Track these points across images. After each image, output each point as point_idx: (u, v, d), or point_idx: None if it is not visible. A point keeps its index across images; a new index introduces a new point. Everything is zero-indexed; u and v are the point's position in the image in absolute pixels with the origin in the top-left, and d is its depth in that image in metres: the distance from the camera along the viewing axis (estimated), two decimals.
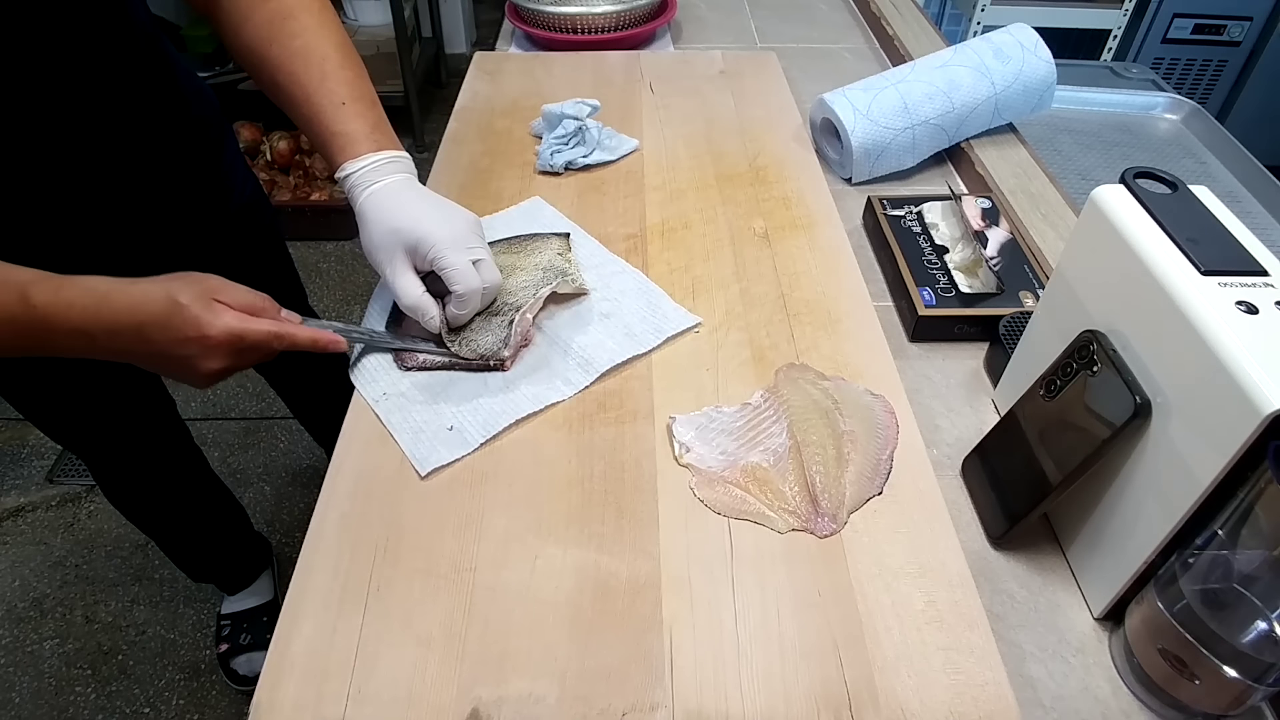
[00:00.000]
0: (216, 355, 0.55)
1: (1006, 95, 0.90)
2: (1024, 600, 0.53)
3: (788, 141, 0.91)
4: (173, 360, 0.55)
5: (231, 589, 1.35)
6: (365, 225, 0.61)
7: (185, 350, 0.54)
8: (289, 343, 0.58)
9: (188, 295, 0.54)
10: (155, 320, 0.53)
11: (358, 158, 0.61)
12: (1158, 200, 0.49)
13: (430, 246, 0.59)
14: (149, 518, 1.13)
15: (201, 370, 0.56)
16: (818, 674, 0.46)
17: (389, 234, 0.60)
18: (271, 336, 0.57)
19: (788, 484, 0.55)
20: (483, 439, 0.58)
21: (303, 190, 2.26)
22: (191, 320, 0.54)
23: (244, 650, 1.33)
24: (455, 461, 0.57)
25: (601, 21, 1.12)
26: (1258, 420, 0.38)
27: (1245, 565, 0.43)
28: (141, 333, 0.53)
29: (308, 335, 0.59)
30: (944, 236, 0.77)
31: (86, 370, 0.86)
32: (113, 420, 0.94)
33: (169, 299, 0.53)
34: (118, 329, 0.53)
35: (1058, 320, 0.55)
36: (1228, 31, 2.12)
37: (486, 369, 0.62)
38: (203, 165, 0.83)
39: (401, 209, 0.60)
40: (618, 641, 0.47)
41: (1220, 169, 1.18)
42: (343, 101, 0.62)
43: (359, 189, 0.61)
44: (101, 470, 1.02)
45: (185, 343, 0.54)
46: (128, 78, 0.69)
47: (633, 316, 0.67)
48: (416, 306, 0.60)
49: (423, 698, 0.45)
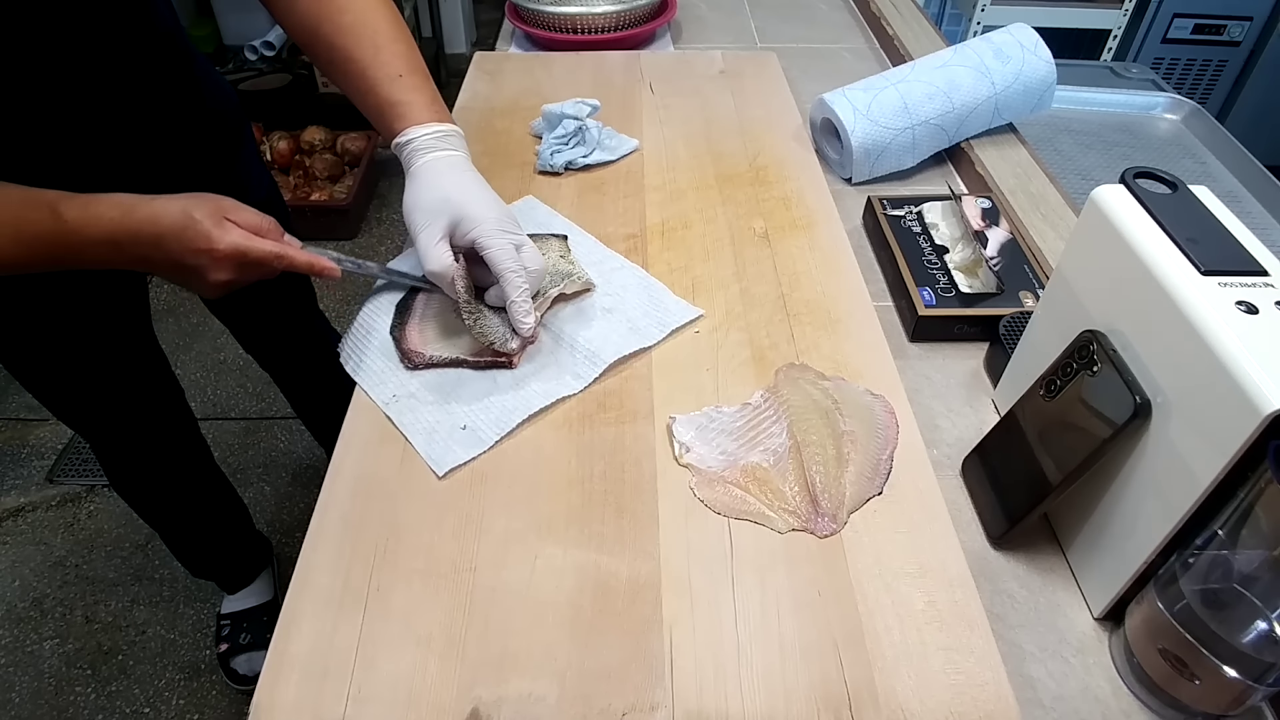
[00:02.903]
0: (223, 267, 0.60)
1: (1006, 95, 0.90)
2: (1024, 600, 0.53)
3: (788, 141, 0.91)
4: (185, 269, 0.60)
5: (232, 587, 1.35)
6: (416, 184, 0.63)
7: (196, 260, 0.59)
8: (288, 263, 0.62)
9: (201, 211, 0.58)
10: (171, 231, 0.58)
11: (423, 124, 0.64)
12: (1158, 200, 0.49)
13: (477, 224, 0.61)
14: (154, 507, 1.13)
15: (210, 280, 0.60)
16: (818, 674, 0.46)
17: (440, 200, 0.61)
18: (272, 255, 0.61)
19: (788, 484, 0.55)
20: (497, 436, 0.58)
21: (303, 190, 2.26)
22: (203, 234, 0.58)
23: (244, 650, 1.32)
24: (471, 460, 0.57)
25: (601, 21, 1.12)
26: (1258, 420, 0.38)
27: (1245, 565, 0.43)
28: (160, 242, 0.58)
29: (305, 258, 0.63)
30: (944, 236, 0.77)
31: (99, 354, 0.87)
32: (123, 404, 0.95)
33: (184, 213, 0.58)
34: (140, 237, 0.58)
35: (1058, 320, 0.55)
36: (1228, 31, 2.12)
37: (494, 367, 0.62)
38: (219, 160, 0.85)
39: (458, 183, 0.63)
40: (618, 641, 0.47)
41: (1220, 169, 1.18)
42: (399, 74, 0.65)
43: (420, 152, 0.64)
44: (110, 456, 1.03)
45: (196, 253, 0.59)
46: (146, 70, 0.71)
47: (635, 311, 0.68)
48: (438, 273, 0.61)
49: (423, 698, 0.45)
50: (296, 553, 0.52)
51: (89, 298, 0.83)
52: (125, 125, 0.71)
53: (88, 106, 0.68)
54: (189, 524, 1.19)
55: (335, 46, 0.66)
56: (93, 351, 0.87)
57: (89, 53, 0.65)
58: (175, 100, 0.76)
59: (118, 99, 0.69)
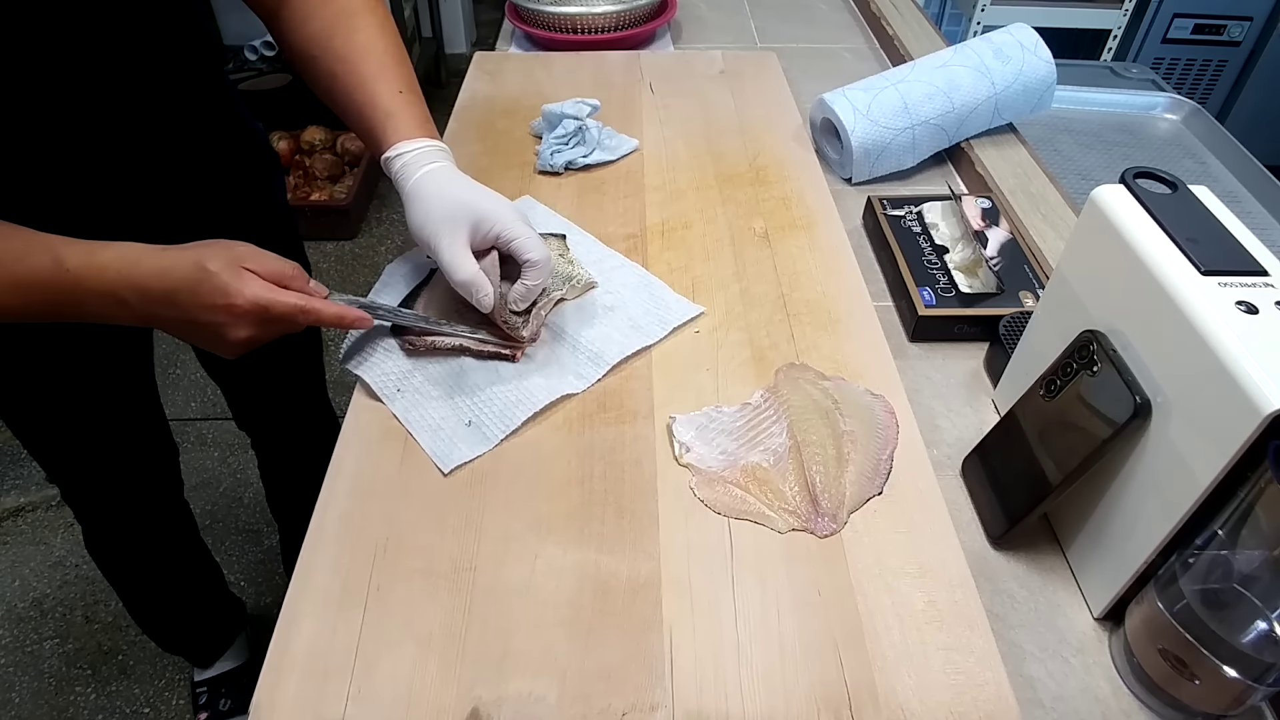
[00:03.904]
0: (243, 324, 0.56)
1: (1006, 95, 0.90)
2: (1024, 600, 0.53)
3: (788, 141, 0.91)
4: (201, 327, 0.56)
5: (204, 662, 1.26)
6: (423, 200, 0.61)
7: (213, 318, 0.55)
8: (314, 318, 0.58)
9: (217, 263, 0.54)
10: (185, 286, 0.54)
11: (414, 139, 0.64)
12: (1158, 200, 0.49)
13: (496, 220, 0.60)
14: (130, 576, 1.06)
15: (229, 339, 0.56)
16: (818, 674, 0.46)
17: (454, 205, 0.60)
18: (297, 310, 0.57)
19: (788, 484, 0.55)
20: (503, 434, 0.58)
21: (303, 190, 2.26)
22: (220, 288, 0.54)
23: (226, 717, 1.25)
24: (477, 458, 0.57)
25: (601, 21, 1.12)
26: (1258, 420, 0.38)
27: (1245, 565, 0.43)
28: (172, 298, 0.54)
29: (333, 311, 0.59)
30: (944, 236, 0.77)
31: (97, 416, 0.84)
32: (117, 468, 0.91)
33: (198, 265, 0.54)
34: (149, 293, 0.54)
35: (1058, 320, 0.55)
36: (1228, 31, 2.12)
37: (496, 358, 0.62)
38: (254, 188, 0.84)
39: (465, 185, 0.62)
40: (618, 641, 0.47)
41: (1220, 169, 1.18)
42: (399, 90, 0.65)
43: (413, 167, 0.63)
44: (94, 520, 0.97)
45: (213, 310, 0.55)
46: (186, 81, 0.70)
47: (636, 309, 0.68)
48: (472, 282, 0.59)
49: (423, 698, 0.45)
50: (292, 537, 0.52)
51: (90, 355, 0.79)
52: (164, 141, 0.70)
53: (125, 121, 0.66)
54: (163, 594, 1.11)
55: (342, 60, 0.66)
56: (90, 413, 0.83)
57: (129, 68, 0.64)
58: (214, 119, 0.75)
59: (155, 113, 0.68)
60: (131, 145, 0.68)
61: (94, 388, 0.82)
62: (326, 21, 0.66)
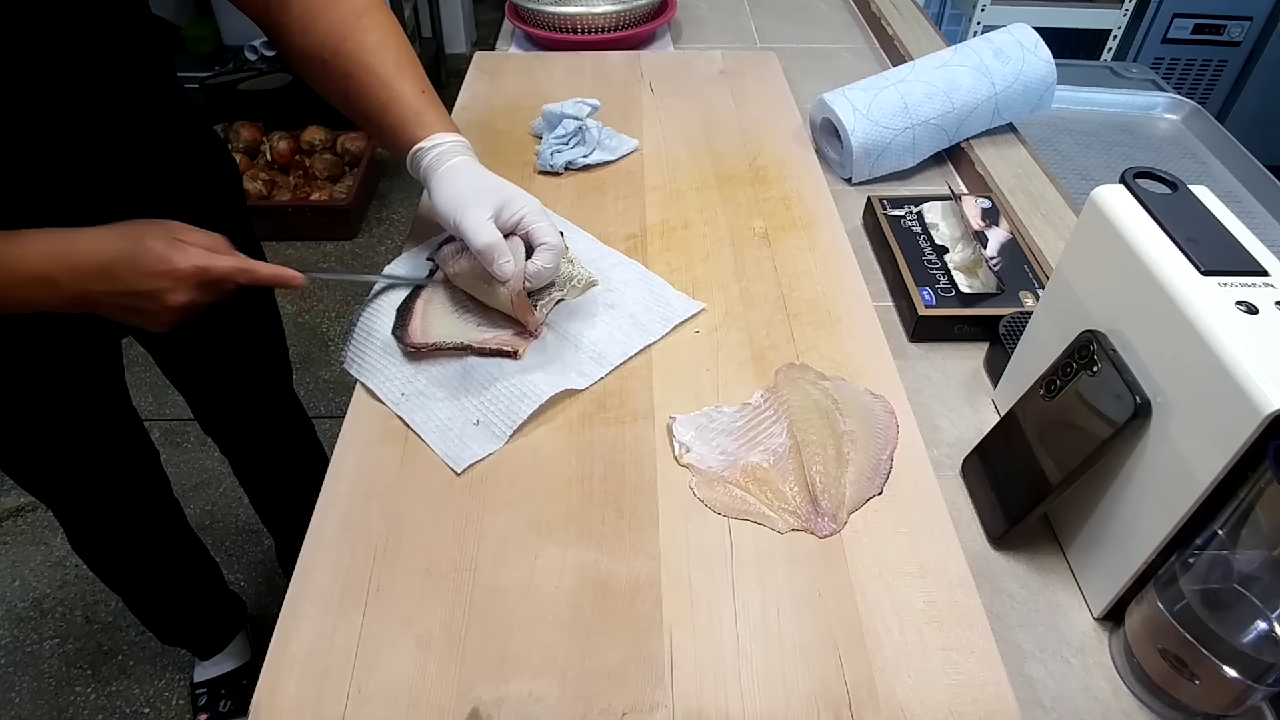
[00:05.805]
0: (183, 288, 0.58)
1: (1006, 95, 0.90)
2: (1024, 600, 0.53)
3: (788, 141, 0.91)
4: (139, 296, 0.57)
5: (204, 653, 1.26)
6: (453, 180, 0.63)
7: (154, 284, 0.57)
8: (252, 277, 0.61)
9: (151, 235, 0.57)
10: (121, 257, 0.56)
11: (447, 132, 0.66)
12: (1158, 200, 0.49)
13: (520, 206, 0.62)
14: (120, 574, 1.06)
15: (169, 303, 0.58)
16: (818, 674, 0.46)
17: (484, 187, 0.63)
18: (236, 270, 0.60)
19: (788, 484, 0.55)
20: (511, 429, 0.58)
21: (303, 190, 2.26)
22: (160, 255, 0.56)
23: (227, 718, 1.25)
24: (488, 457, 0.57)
25: (601, 21, 1.12)
26: (1258, 420, 0.38)
27: (1245, 565, 0.43)
28: (107, 271, 0.56)
29: (269, 271, 0.62)
30: (944, 236, 0.77)
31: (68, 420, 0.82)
32: (92, 473, 0.89)
33: (132, 239, 0.56)
34: (82, 269, 0.55)
35: (1058, 320, 0.55)
36: (1228, 31, 2.12)
37: (499, 355, 0.63)
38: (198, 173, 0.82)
39: (492, 176, 0.65)
40: (618, 641, 0.47)
41: (1220, 169, 1.18)
42: (421, 89, 0.67)
43: (447, 156, 0.65)
44: (75, 524, 0.96)
45: (155, 276, 0.57)
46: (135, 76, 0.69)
47: (637, 306, 0.68)
48: (494, 245, 0.60)
49: (423, 698, 0.45)
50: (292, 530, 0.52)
51: (56, 366, 0.78)
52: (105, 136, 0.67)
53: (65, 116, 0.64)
54: (158, 590, 1.11)
55: (355, 62, 0.66)
56: (61, 417, 0.82)
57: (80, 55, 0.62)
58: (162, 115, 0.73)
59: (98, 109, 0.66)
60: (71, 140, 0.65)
61: (61, 400, 0.81)
62: (333, 24, 0.66)
